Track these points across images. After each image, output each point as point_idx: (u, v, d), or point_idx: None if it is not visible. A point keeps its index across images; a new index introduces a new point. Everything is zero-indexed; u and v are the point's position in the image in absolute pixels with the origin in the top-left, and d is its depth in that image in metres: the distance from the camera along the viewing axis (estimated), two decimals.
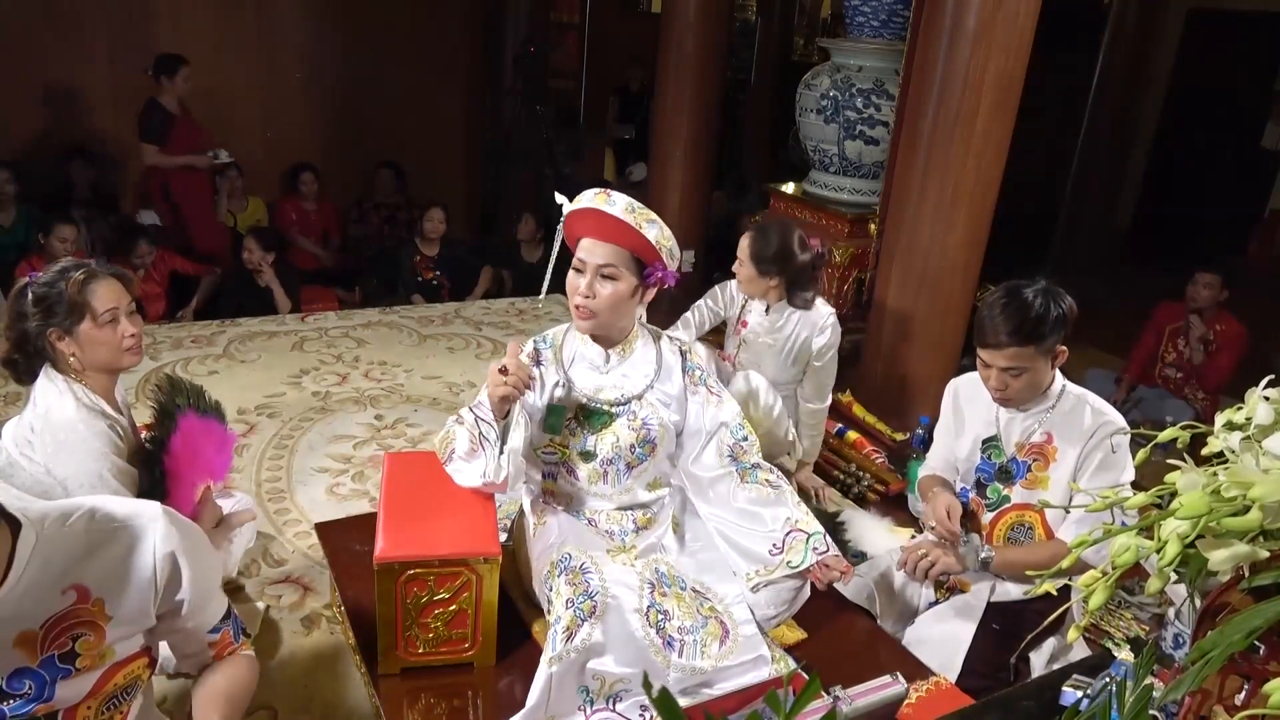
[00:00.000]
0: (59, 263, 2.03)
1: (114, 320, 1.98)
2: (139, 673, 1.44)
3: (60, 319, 1.95)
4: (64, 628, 1.30)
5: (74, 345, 1.97)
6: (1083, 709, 1.28)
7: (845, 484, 3.38)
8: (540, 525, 2.05)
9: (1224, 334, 4.02)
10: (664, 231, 1.91)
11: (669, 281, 1.95)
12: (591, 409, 2.01)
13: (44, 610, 1.28)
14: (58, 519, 1.32)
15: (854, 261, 4.15)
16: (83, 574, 1.31)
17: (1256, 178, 6.74)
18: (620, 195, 1.90)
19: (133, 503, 1.42)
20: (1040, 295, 2.02)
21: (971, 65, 3.28)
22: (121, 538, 1.36)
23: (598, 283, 1.90)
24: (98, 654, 1.34)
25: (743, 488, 2.05)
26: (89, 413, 1.98)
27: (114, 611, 1.35)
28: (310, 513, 2.93)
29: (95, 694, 1.37)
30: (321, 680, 2.22)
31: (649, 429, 2.01)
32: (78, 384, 2.00)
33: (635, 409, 2.01)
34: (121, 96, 5.65)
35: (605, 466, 2.03)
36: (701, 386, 2.08)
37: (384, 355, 4.31)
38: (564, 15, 7.93)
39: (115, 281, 2.01)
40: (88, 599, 1.32)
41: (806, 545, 1.98)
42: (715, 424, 2.07)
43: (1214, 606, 1.00)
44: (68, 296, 1.94)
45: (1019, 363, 2.03)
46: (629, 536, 2.03)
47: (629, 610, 1.79)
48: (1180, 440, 1.01)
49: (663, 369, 2.05)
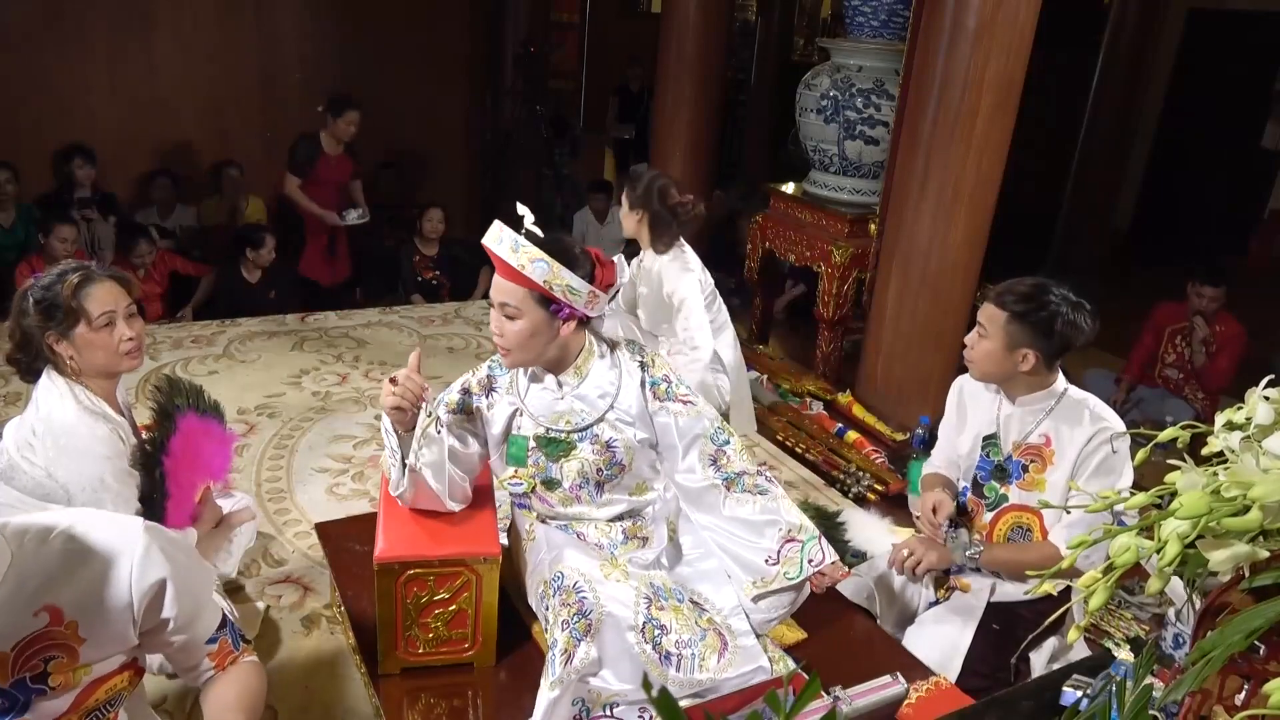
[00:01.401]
0: (59, 265, 2.01)
1: (110, 324, 1.96)
2: (122, 687, 1.40)
3: (57, 322, 1.93)
4: (35, 650, 1.25)
5: (71, 348, 1.96)
6: (1083, 709, 1.28)
7: (845, 484, 3.38)
8: (529, 540, 2.03)
9: (1224, 334, 4.02)
10: (553, 269, 1.77)
11: (580, 315, 1.87)
12: (550, 438, 1.96)
13: (15, 631, 1.22)
14: (37, 536, 1.26)
15: (854, 261, 4.15)
16: (56, 595, 1.25)
17: (1256, 178, 6.74)
18: (509, 233, 1.79)
19: (115, 521, 1.36)
20: (1058, 297, 1.99)
21: (971, 65, 3.28)
22: (97, 559, 1.29)
23: (504, 320, 1.85)
24: (71, 674, 1.29)
25: (730, 496, 2.02)
26: (90, 416, 1.98)
27: (88, 634, 1.29)
28: (310, 513, 2.93)
29: (76, 709, 1.32)
30: (321, 680, 2.22)
31: (614, 451, 1.96)
32: (79, 386, 1.99)
33: (597, 432, 1.95)
34: (121, 96, 5.65)
35: (576, 491, 1.99)
36: (669, 400, 2.00)
37: (384, 355, 4.31)
38: (564, 15, 7.93)
39: (113, 284, 1.99)
40: (60, 621, 1.26)
41: (802, 555, 1.97)
42: (691, 435, 2.01)
43: (1214, 606, 1.00)
44: (63, 300, 1.92)
45: (986, 322, 2.04)
46: (618, 549, 1.99)
47: (625, 627, 1.78)
48: (1180, 440, 1.01)
49: (621, 388, 1.98)
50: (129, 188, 5.69)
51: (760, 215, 4.73)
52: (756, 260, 4.74)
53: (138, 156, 5.71)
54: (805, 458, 3.60)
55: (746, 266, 4.86)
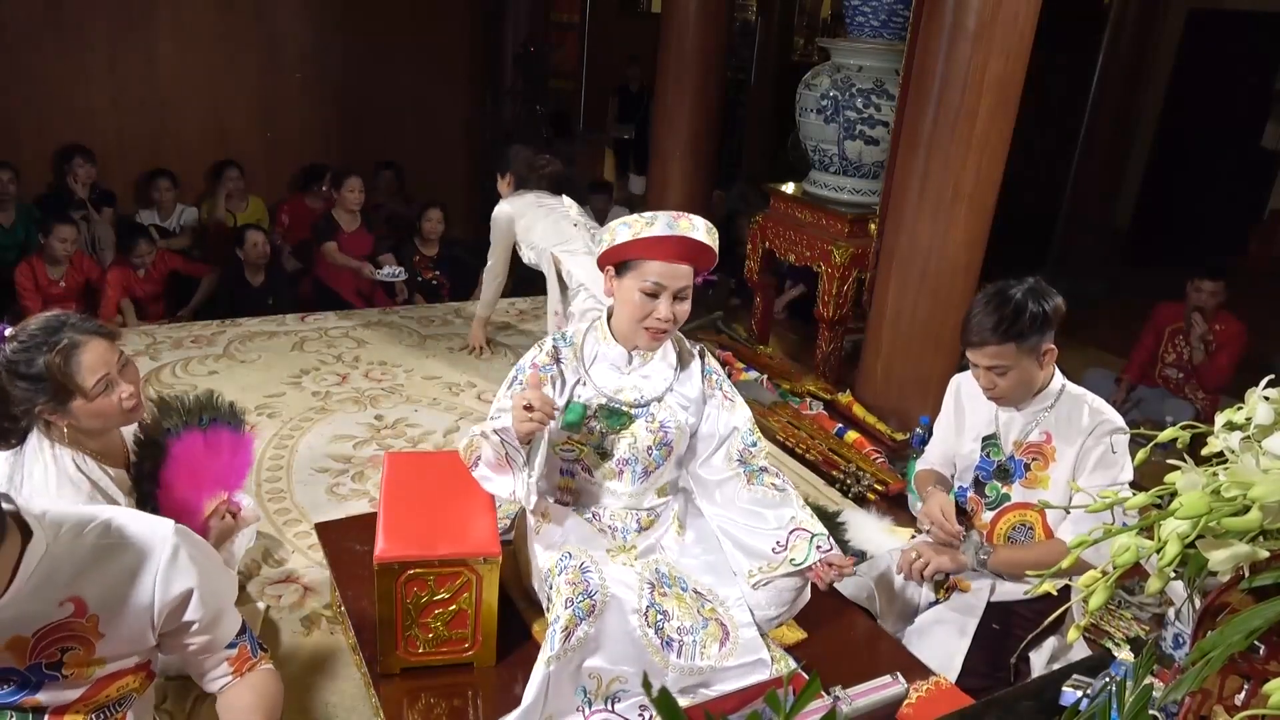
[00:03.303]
0: (30, 323, 1.76)
1: (108, 388, 1.78)
2: (133, 687, 1.42)
3: (48, 397, 1.74)
4: (55, 639, 1.29)
5: (68, 418, 1.79)
6: (1083, 709, 1.28)
7: (845, 484, 3.38)
8: (545, 523, 2.05)
9: (1224, 334, 4.02)
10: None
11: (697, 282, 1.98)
12: (611, 409, 2.00)
13: (39, 618, 1.27)
14: (73, 528, 1.31)
15: (854, 261, 4.14)
16: (83, 587, 1.29)
17: (1256, 178, 6.74)
18: (698, 219, 1.89)
19: (148, 520, 1.39)
20: (1025, 294, 2.00)
21: (971, 65, 3.28)
22: (127, 556, 1.33)
23: (675, 305, 1.89)
24: (85, 668, 1.32)
25: (749, 489, 2.06)
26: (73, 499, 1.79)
27: (107, 630, 1.32)
28: (310, 513, 2.93)
29: (86, 701, 1.35)
30: (321, 680, 2.22)
31: (666, 431, 2.01)
32: (68, 454, 1.83)
33: (654, 411, 2.01)
34: (121, 96, 5.65)
35: (621, 466, 2.02)
36: (718, 390, 2.09)
37: (384, 355, 4.31)
38: (564, 15, 7.93)
39: (99, 341, 1.77)
40: (83, 613, 1.30)
41: (810, 544, 1.98)
42: (728, 429, 2.07)
43: (1214, 606, 1.00)
44: (51, 376, 1.71)
45: (1001, 360, 2.02)
46: (631, 535, 2.03)
47: (628, 610, 1.80)
48: (1180, 440, 1.01)
49: (682, 371, 2.05)
50: (129, 188, 5.69)
51: (760, 215, 4.73)
52: (756, 260, 4.74)
53: (138, 156, 5.70)
54: (805, 458, 3.60)
55: (746, 266, 4.86)
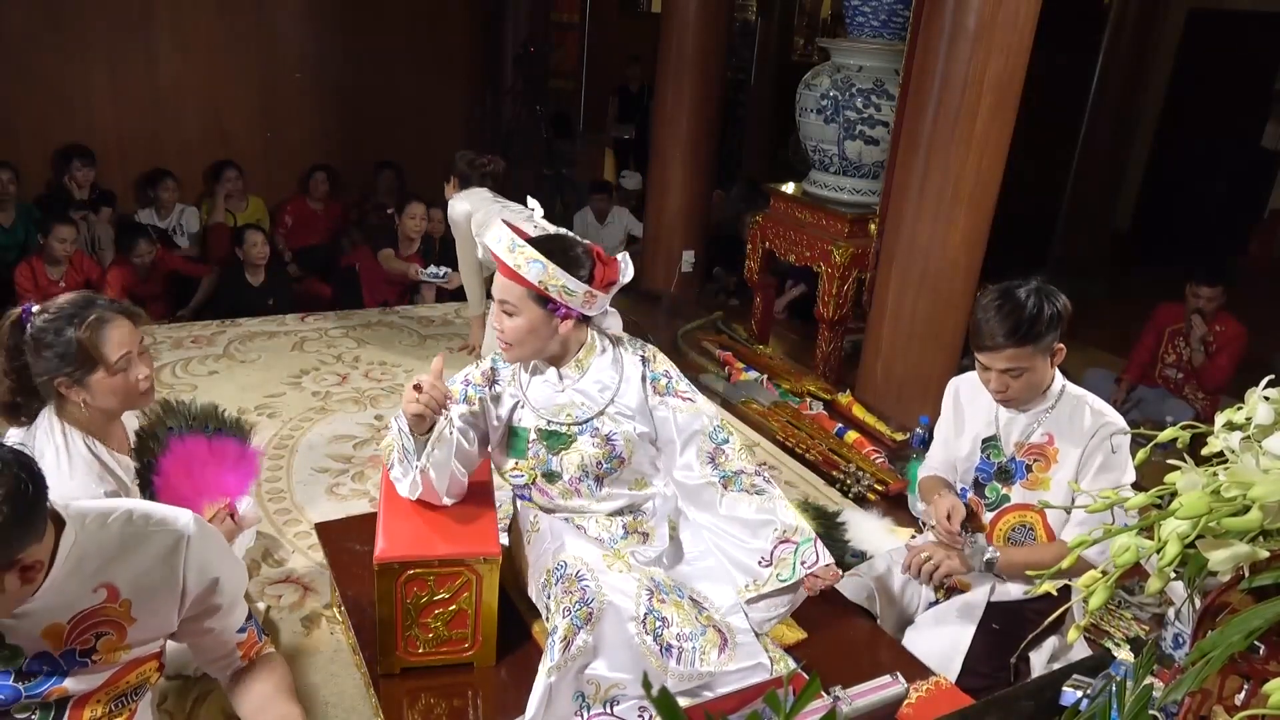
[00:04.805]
0: (59, 299, 1.81)
1: (127, 366, 1.81)
2: (149, 675, 1.49)
3: (71, 369, 1.76)
4: (90, 625, 1.35)
5: (84, 393, 1.80)
6: (1083, 709, 1.28)
7: (845, 484, 3.38)
8: (534, 532, 2.04)
9: (1224, 334, 4.02)
10: (549, 270, 1.83)
11: (575, 315, 1.91)
12: (549, 431, 1.98)
13: (74, 605, 1.33)
14: (97, 518, 1.36)
15: (854, 261, 4.14)
16: (114, 574, 1.35)
17: (1256, 178, 6.74)
18: (507, 233, 1.85)
19: (168, 509, 1.45)
20: (1033, 295, 2.01)
21: (971, 65, 3.28)
22: (155, 542, 1.39)
23: (504, 317, 1.90)
24: (114, 653, 1.39)
25: (727, 495, 2.02)
26: (85, 478, 1.81)
27: (139, 614, 1.39)
28: (310, 513, 2.93)
29: (107, 688, 1.42)
30: (321, 680, 2.22)
31: (614, 444, 1.98)
32: (78, 437, 1.83)
33: (598, 425, 1.98)
34: (121, 96, 5.65)
35: (575, 484, 2.01)
36: (669, 395, 2.03)
37: (384, 355, 4.31)
38: (564, 15, 7.91)
39: (126, 322, 1.82)
40: (116, 598, 1.36)
41: (795, 557, 1.96)
42: (689, 431, 2.03)
43: (1214, 606, 1.00)
44: (79, 345, 1.74)
45: (1017, 363, 2.03)
46: (618, 543, 2.00)
47: (626, 617, 1.78)
48: (1180, 440, 1.01)
49: (622, 381, 2.01)
50: (129, 188, 5.69)
51: (760, 215, 4.73)
52: (756, 260, 4.74)
53: (137, 156, 5.70)
54: (805, 458, 3.60)
55: (746, 266, 4.86)
